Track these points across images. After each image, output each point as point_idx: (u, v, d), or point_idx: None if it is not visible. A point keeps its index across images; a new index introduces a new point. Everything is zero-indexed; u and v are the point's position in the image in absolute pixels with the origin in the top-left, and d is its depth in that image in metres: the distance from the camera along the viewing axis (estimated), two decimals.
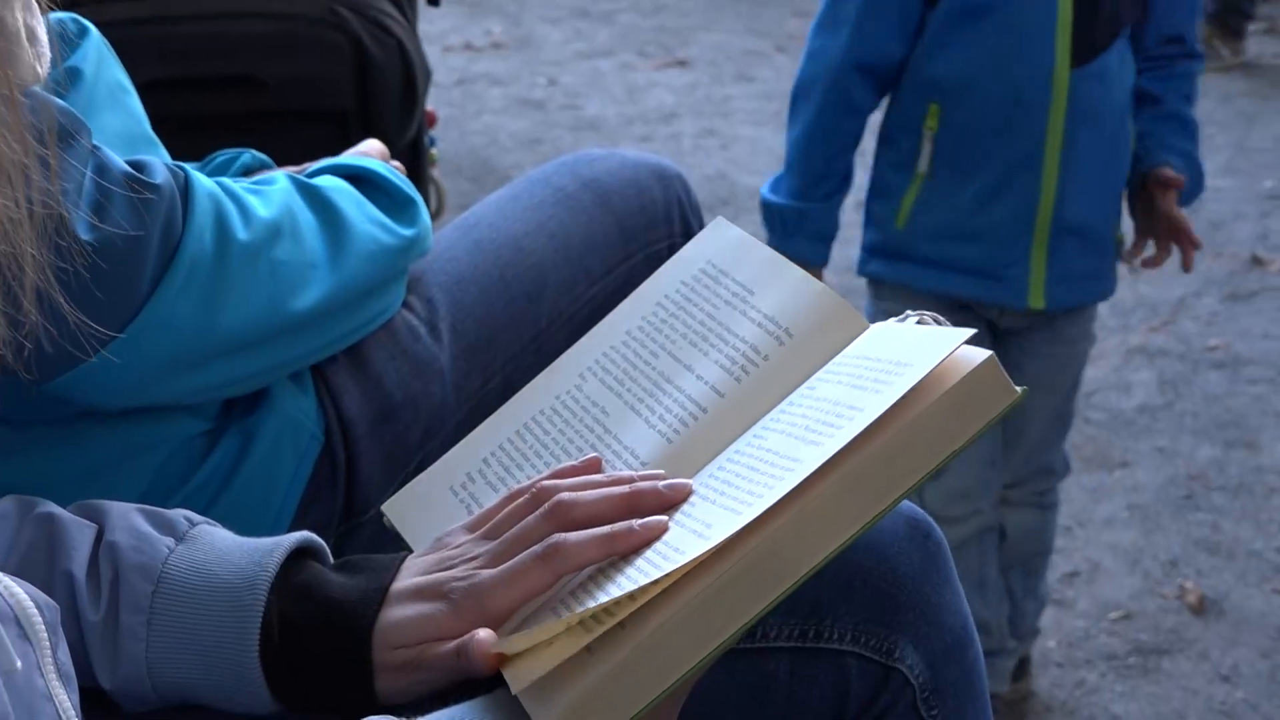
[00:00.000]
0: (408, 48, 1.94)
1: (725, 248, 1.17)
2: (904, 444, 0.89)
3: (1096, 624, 2.33)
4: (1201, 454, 2.85)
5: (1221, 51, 5.51)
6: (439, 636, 0.93)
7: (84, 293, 0.89)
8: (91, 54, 1.19)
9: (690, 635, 0.86)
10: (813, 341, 1.05)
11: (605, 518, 0.94)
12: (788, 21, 6.18)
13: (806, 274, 1.10)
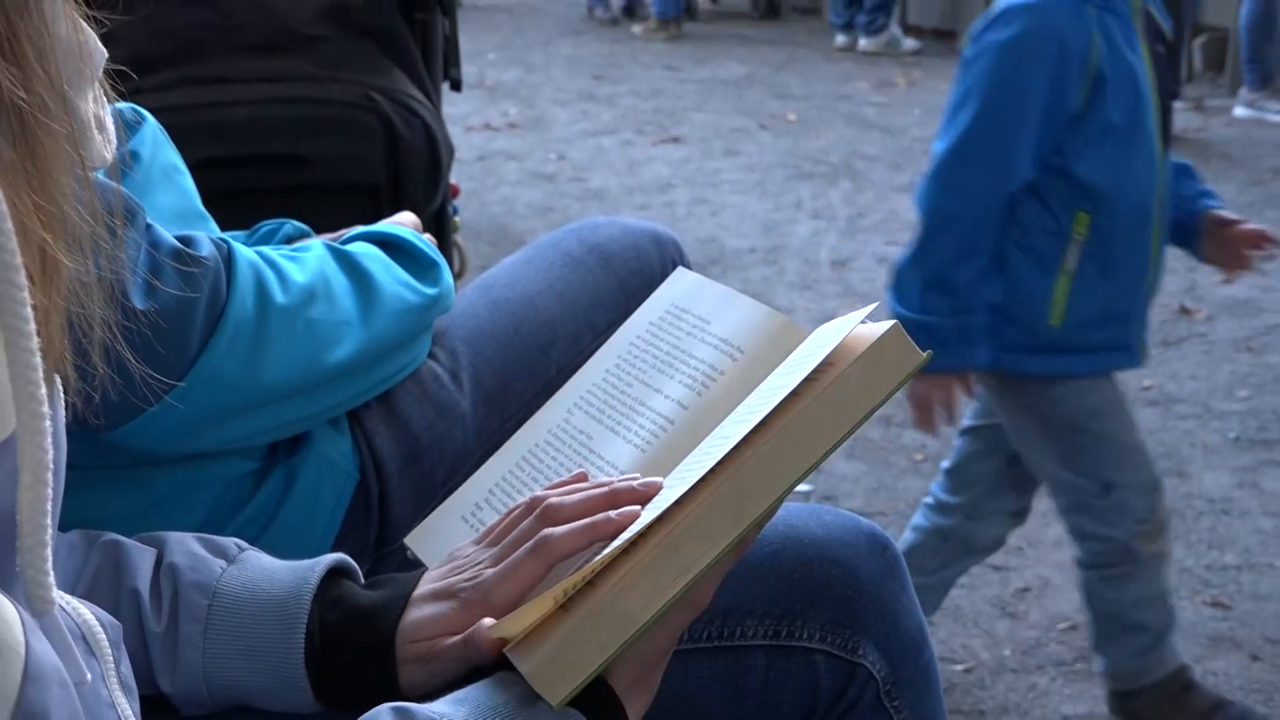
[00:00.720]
0: (433, 128, 1.94)
1: (685, 290, 1.19)
2: (825, 404, 0.91)
3: (1047, 634, 2.32)
4: None
5: None
6: (451, 631, 0.94)
7: (144, 350, 0.89)
8: (148, 139, 1.20)
9: (649, 584, 0.87)
10: (761, 354, 1.06)
11: (588, 514, 0.95)
12: (769, 103, 6.22)
13: (755, 301, 1.12)
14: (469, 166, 4.93)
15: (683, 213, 4.59)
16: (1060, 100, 1.88)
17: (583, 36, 7.78)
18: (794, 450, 0.90)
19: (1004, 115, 1.89)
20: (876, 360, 0.91)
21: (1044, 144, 1.90)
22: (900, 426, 3.03)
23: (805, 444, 0.91)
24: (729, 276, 3.95)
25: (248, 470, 1.21)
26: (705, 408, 1.06)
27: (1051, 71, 1.87)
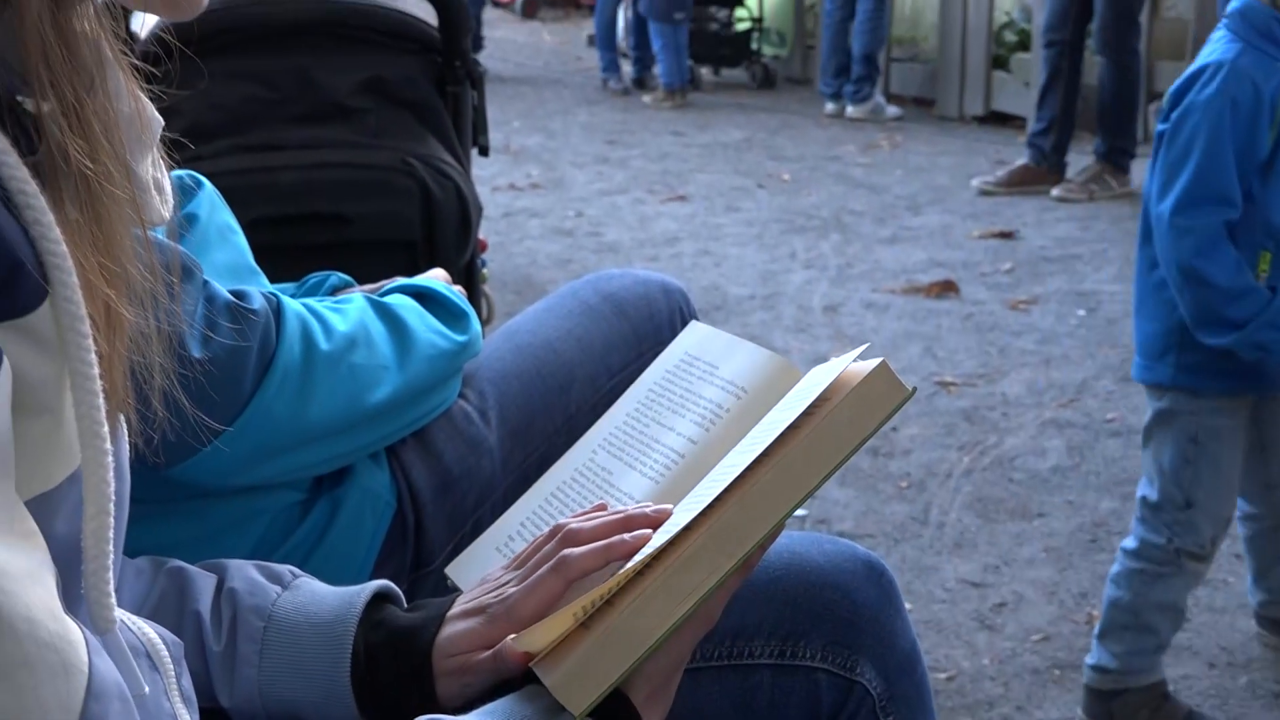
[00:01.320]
0: (463, 189, 1.94)
1: (697, 340, 1.20)
2: (820, 436, 0.92)
3: (1021, 644, 2.31)
4: (1103, 506, 2.83)
5: (1111, 183, 5.54)
6: (482, 645, 0.94)
7: (200, 394, 0.89)
8: (205, 202, 1.21)
9: (663, 602, 0.87)
10: (762, 393, 1.08)
11: (605, 537, 0.95)
12: (765, 164, 6.23)
13: (757, 346, 1.14)
14: (496, 223, 4.94)
15: (689, 263, 4.59)
16: (1251, 148, 1.89)
17: (597, 106, 7.81)
18: (793, 478, 0.91)
19: (1219, 162, 1.88)
20: (866, 396, 0.92)
21: (1242, 186, 1.91)
22: (887, 457, 3.02)
23: (803, 473, 0.91)
24: (731, 321, 3.95)
25: (296, 500, 1.21)
26: (712, 442, 1.07)
27: (1246, 122, 1.89)
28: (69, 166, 0.66)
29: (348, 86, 1.91)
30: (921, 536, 2.69)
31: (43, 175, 0.65)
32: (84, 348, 0.65)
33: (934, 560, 2.60)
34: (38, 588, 0.62)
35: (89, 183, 0.67)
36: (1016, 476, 2.97)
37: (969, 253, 4.76)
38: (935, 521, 2.75)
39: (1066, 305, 4.16)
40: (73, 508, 0.68)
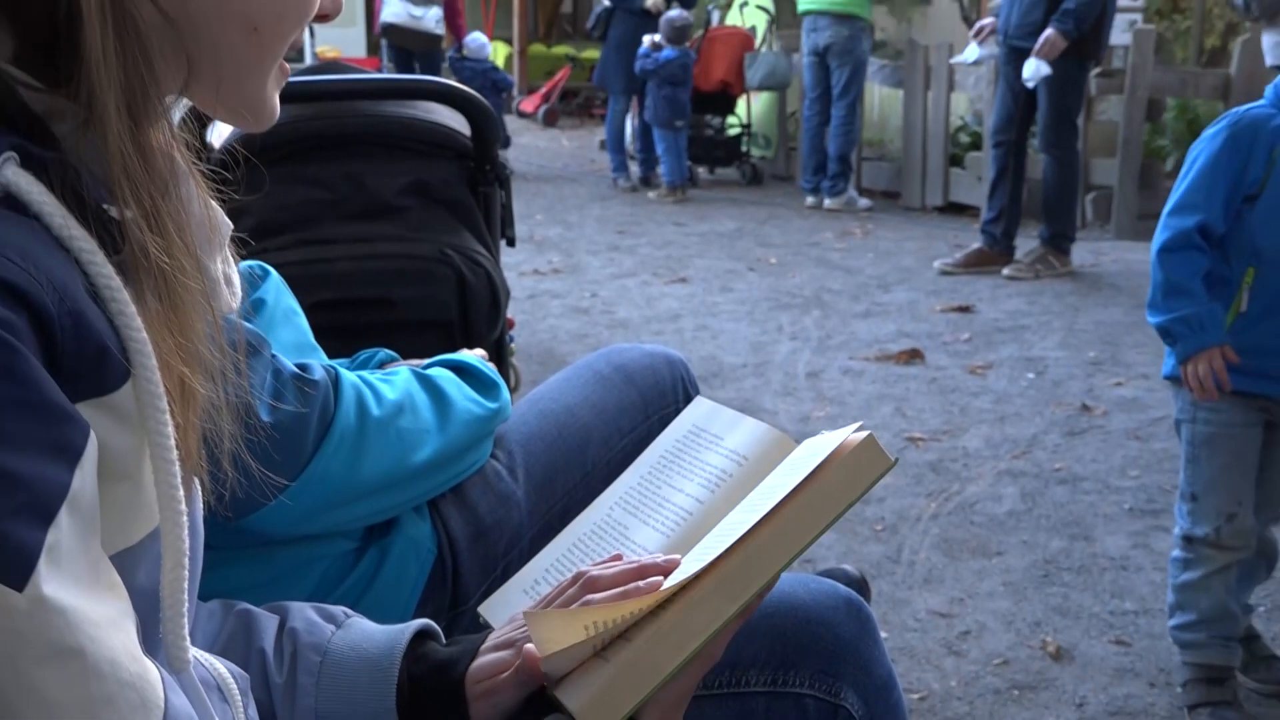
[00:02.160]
0: (493, 276, 1.94)
1: (703, 414, 1.20)
2: (815, 499, 0.92)
3: (984, 668, 2.29)
4: (1054, 545, 2.82)
5: (1054, 264, 5.56)
6: (507, 669, 0.94)
7: (266, 456, 0.89)
8: (271, 289, 1.21)
9: (675, 640, 0.88)
10: (760, 461, 1.08)
11: (621, 584, 0.95)
12: (755, 250, 6.26)
13: (758, 421, 1.14)
14: (522, 303, 4.95)
15: (689, 337, 4.59)
16: (1243, 180, 1.98)
17: (609, 201, 7.85)
18: (790, 536, 0.91)
19: (1206, 182, 1.99)
20: (854, 465, 0.93)
21: (1229, 211, 1.99)
22: (863, 503, 2.99)
23: (798, 531, 0.92)
24: (726, 387, 3.95)
25: (349, 548, 1.21)
26: (717, 503, 1.07)
27: (1241, 157, 1.98)
28: (148, 263, 0.66)
29: (394, 188, 1.92)
30: (895, 573, 2.67)
31: (126, 271, 0.65)
32: (161, 421, 0.65)
33: (906, 594, 2.58)
34: (120, 633, 0.61)
35: (166, 277, 0.67)
36: (977, 519, 2.96)
37: (932, 325, 4.77)
38: (907, 560, 2.74)
39: (1017, 369, 4.16)
40: (152, 562, 0.68)
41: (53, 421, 0.59)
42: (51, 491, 0.58)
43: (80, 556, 0.60)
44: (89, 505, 0.61)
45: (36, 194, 0.62)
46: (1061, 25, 5.11)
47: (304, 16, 0.74)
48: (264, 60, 0.74)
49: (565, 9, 14.71)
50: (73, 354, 0.61)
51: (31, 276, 0.59)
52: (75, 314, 0.61)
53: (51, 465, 0.58)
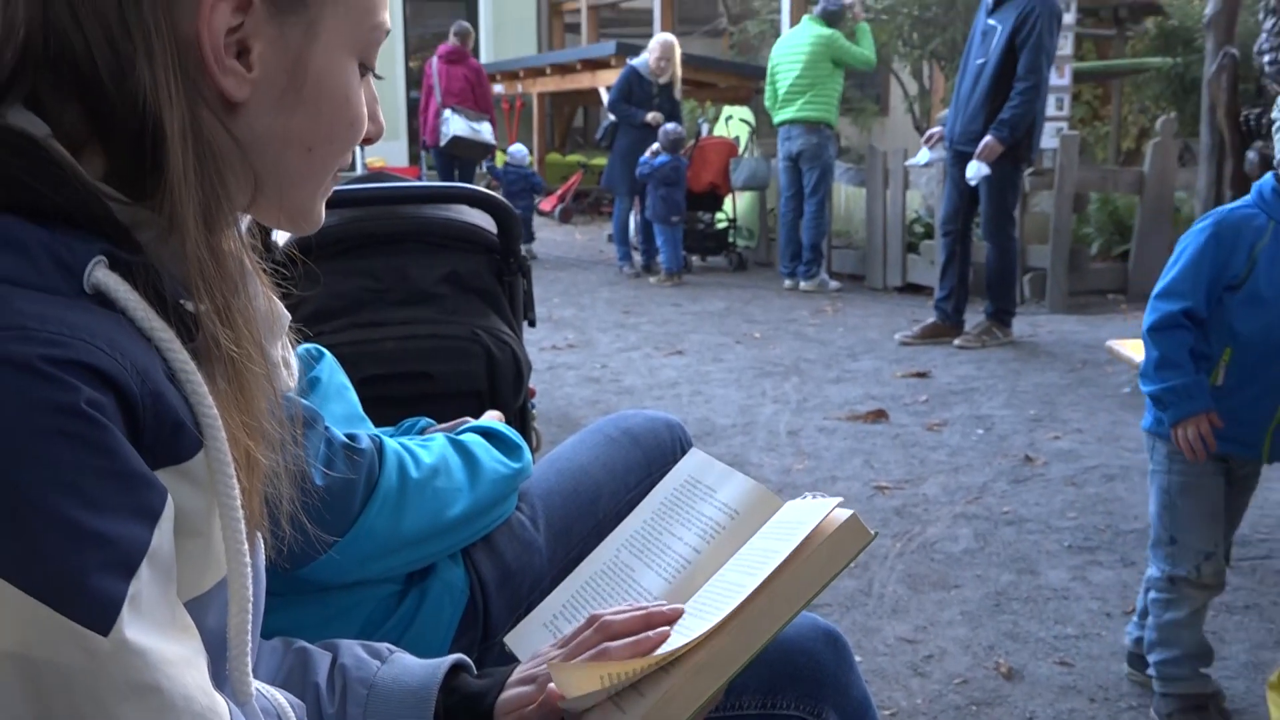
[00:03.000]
0: (517, 352, 1.94)
1: (697, 466, 1.19)
2: (806, 570, 0.91)
3: (946, 687, 2.26)
4: (1004, 578, 2.79)
5: (998, 335, 5.56)
6: (531, 704, 0.93)
7: (319, 515, 0.88)
8: (325, 368, 1.21)
9: (686, 696, 0.87)
10: (749, 515, 1.06)
11: (632, 630, 0.94)
12: (741, 326, 6.26)
13: (746, 476, 1.12)
14: (542, 374, 4.95)
15: (686, 401, 4.58)
16: (1225, 272, 1.95)
17: (616, 286, 7.88)
18: (784, 604, 0.91)
19: (1192, 273, 1.96)
20: (840, 541, 0.92)
21: (1211, 299, 1.97)
22: None
23: (791, 599, 0.91)
24: (718, 444, 3.94)
25: (393, 592, 1.19)
26: (711, 552, 1.06)
27: (1225, 251, 1.95)
28: (219, 351, 0.66)
29: (432, 278, 1.93)
30: (867, 605, 2.64)
31: (199, 356, 0.65)
32: (230, 486, 0.65)
33: (877, 623, 2.55)
34: (193, 671, 0.61)
35: (234, 363, 0.67)
36: (937, 557, 2.93)
37: (895, 389, 4.76)
38: (876, 593, 2.71)
39: (969, 426, 4.15)
40: (221, 606, 0.67)
41: (135, 487, 0.59)
42: (134, 548, 0.58)
43: (158, 604, 0.59)
44: (166, 559, 0.61)
45: (123, 292, 0.62)
46: (998, 133, 5.16)
47: (353, 141, 0.75)
48: (317, 177, 0.75)
49: (577, 123, 14.85)
50: (153, 428, 0.61)
51: (119, 363, 0.59)
52: (155, 394, 0.61)
53: (134, 525, 0.58)
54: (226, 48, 0.67)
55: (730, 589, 0.93)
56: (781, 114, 7.35)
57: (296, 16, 0.69)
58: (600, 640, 0.93)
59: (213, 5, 0.65)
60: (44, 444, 0.55)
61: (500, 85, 12.97)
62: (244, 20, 0.67)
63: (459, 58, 8.80)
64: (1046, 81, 5.26)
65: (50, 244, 0.61)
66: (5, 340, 0.56)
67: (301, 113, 0.71)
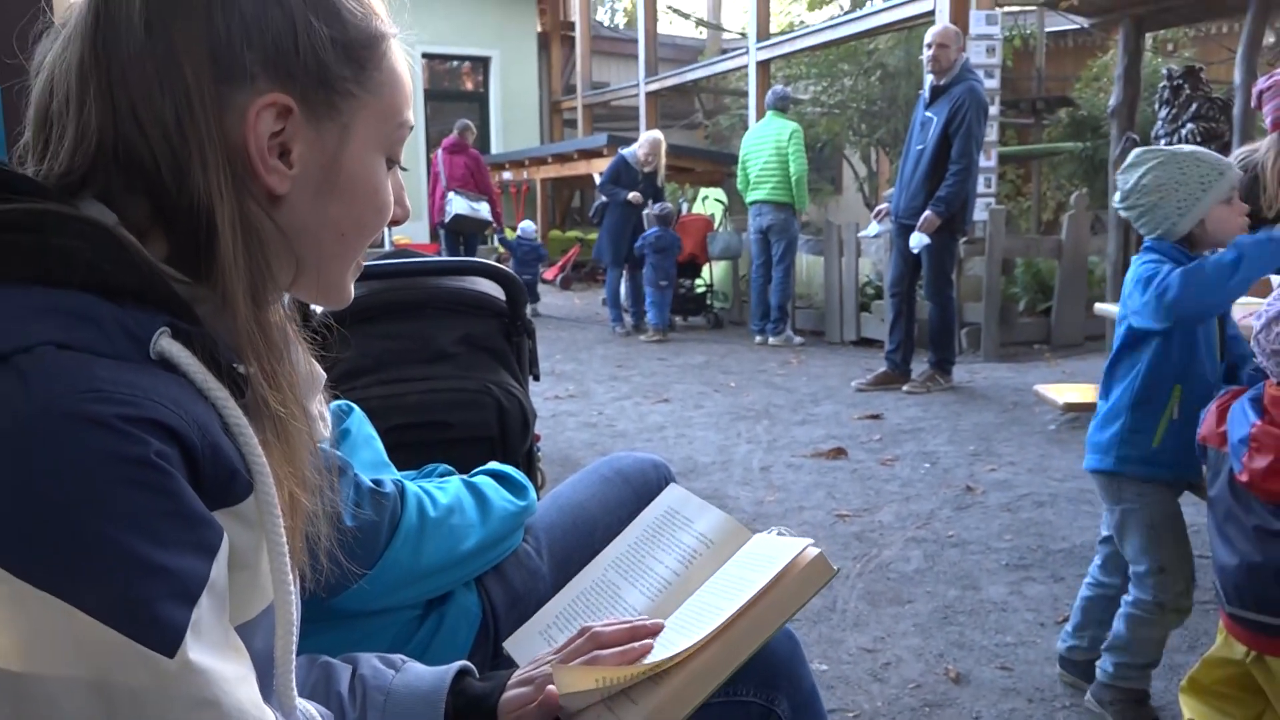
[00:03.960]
0: (524, 403, 1.94)
1: (676, 499, 1.18)
2: (779, 598, 0.92)
3: (902, 691, 2.23)
4: (950, 594, 2.77)
5: (941, 381, 5.57)
6: (531, 703, 0.93)
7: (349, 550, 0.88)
8: (355, 421, 1.20)
9: (672, 710, 0.87)
10: (722, 545, 1.06)
11: (620, 641, 0.94)
12: (719, 377, 6.26)
13: (720, 510, 1.12)
14: (546, 421, 4.94)
15: (672, 443, 4.57)
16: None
17: (610, 343, 7.89)
18: (761, 626, 0.91)
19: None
20: (810, 574, 0.93)
21: None
22: None
23: (768, 623, 0.91)
24: (701, 479, 3.92)
25: (413, 616, 1.17)
26: (688, 576, 1.05)
27: None
28: (268, 410, 0.67)
29: (450, 340, 1.93)
30: (831, 619, 2.63)
31: (250, 412, 0.66)
32: (276, 525, 0.65)
33: (841, 635, 2.53)
34: (246, 687, 0.60)
35: (280, 419, 0.68)
36: (891, 576, 2.92)
37: (852, 429, 4.76)
38: (840, 609, 2.69)
39: (917, 461, 4.15)
40: (268, 630, 0.67)
41: (195, 526, 0.59)
42: (195, 580, 0.58)
43: (216, 629, 0.59)
44: (222, 589, 0.61)
45: (184, 358, 0.63)
46: (936, 208, 5.21)
47: (380, 225, 0.76)
48: (349, 257, 0.76)
49: (574, 204, 14.95)
50: (211, 475, 0.61)
51: (182, 419, 0.60)
52: (214, 445, 0.61)
53: (195, 559, 0.58)
54: (270, 149, 0.68)
55: (708, 609, 0.93)
56: (753, 194, 7.42)
57: (331, 121, 0.71)
58: (592, 648, 0.93)
59: (258, 114, 0.66)
60: (118, 490, 0.55)
61: (509, 172, 13.07)
62: (285, 125, 0.68)
63: (460, 149, 9.21)
64: (976, 164, 5.33)
65: (121, 318, 0.62)
66: (86, 400, 0.56)
67: (336, 202, 0.72)
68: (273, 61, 0.67)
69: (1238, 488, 1.67)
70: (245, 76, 0.66)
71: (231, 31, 0.66)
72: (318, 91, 0.69)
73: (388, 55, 0.73)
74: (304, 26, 0.68)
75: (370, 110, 0.73)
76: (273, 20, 0.67)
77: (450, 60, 14.93)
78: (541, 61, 15.29)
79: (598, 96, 14.17)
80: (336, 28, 0.70)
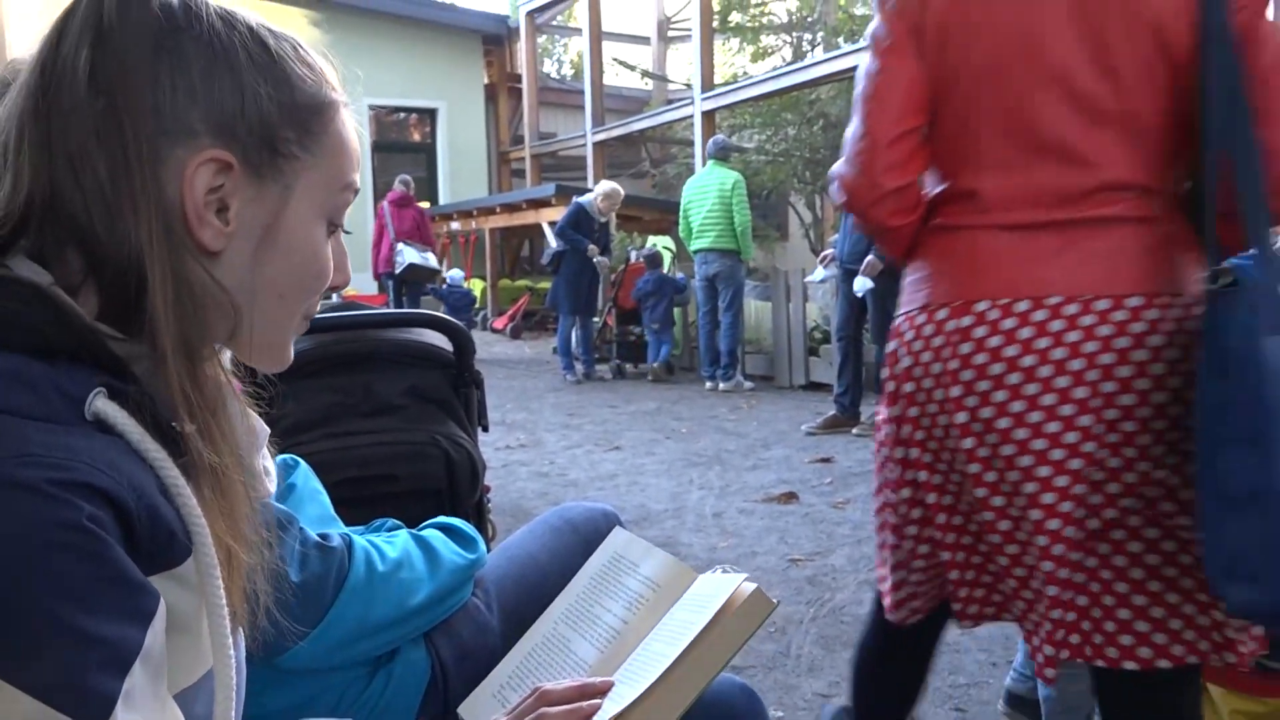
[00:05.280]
0: (473, 454, 1.93)
1: (622, 544, 1.18)
2: (719, 638, 0.93)
3: None
4: None
5: None
6: None
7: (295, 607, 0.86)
8: (301, 475, 1.19)
9: None
10: (668, 588, 1.06)
11: (569, 699, 0.94)
12: (670, 423, 6.27)
13: (665, 552, 1.12)
14: (497, 471, 4.90)
15: (624, 490, 4.56)
16: None
17: (561, 391, 7.88)
18: (704, 668, 0.91)
19: None
20: (749, 610, 0.93)
21: None
22: None
23: (711, 664, 0.92)
24: (653, 527, 3.91)
25: (362, 674, 1.15)
26: (636, 622, 1.05)
27: None
28: (205, 466, 0.66)
29: (396, 392, 1.92)
30: (786, 665, 2.62)
31: (188, 471, 0.65)
32: (216, 586, 0.64)
33: (796, 680, 2.52)
34: None
35: (218, 475, 0.67)
36: (845, 619, 2.92)
37: (803, 473, 4.79)
38: (794, 654, 2.69)
39: (868, 503, 4.17)
40: (208, 696, 0.66)
41: (130, 592, 0.58)
42: (129, 648, 0.57)
43: (150, 698, 0.58)
44: (158, 656, 0.59)
45: (120, 419, 0.62)
46: (877, 253, 5.31)
47: (320, 288, 0.76)
48: (288, 320, 0.75)
49: (524, 253, 14.98)
50: (147, 538, 0.60)
51: (117, 482, 0.59)
52: (150, 508, 0.60)
53: (129, 627, 0.57)
54: (207, 205, 0.68)
55: (655, 658, 0.93)
56: (698, 242, 7.50)
57: (274, 181, 0.71)
58: (540, 708, 0.93)
59: (196, 168, 0.66)
60: (50, 557, 0.54)
61: (457, 223, 13.08)
62: (225, 181, 0.68)
63: (406, 202, 9.65)
64: None
65: (56, 379, 0.61)
66: (15, 466, 0.55)
67: (275, 262, 0.72)
68: (216, 120, 0.67)
69: None
70: (187, 133, 0.66)
71: (177, 90, 0.66)
72: (261, 152, 0.69)
73: (335, 121, 0.74)
74: (251, 90, 0.68)
75: (314, 173, 0.73)
76: (220, 82, 0.67)
77: (397, 112, 14.97)
78: (489, 112, 15.39)
79: (545, 147, 14.28)
80: (285, 92, 0.70)
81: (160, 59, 0.65)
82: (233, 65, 0.68)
